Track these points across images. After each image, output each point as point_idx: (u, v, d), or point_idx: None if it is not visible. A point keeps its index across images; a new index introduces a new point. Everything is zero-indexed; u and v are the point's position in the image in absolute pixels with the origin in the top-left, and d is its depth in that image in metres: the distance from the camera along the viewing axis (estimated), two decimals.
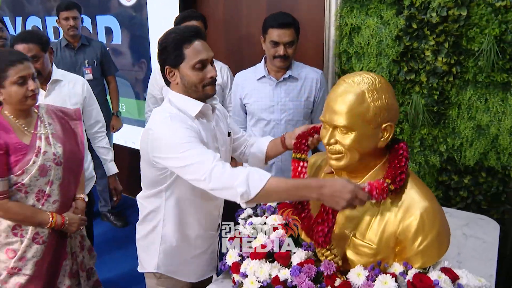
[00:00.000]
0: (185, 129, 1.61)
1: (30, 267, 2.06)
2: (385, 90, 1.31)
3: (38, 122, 2.09)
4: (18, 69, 1.94)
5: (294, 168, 1.59)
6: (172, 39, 1.67)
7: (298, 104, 2.53)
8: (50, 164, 2.04)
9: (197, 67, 1.68)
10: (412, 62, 2.51)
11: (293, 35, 2.42)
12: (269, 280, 1.42)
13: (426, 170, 2.61)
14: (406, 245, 1.33)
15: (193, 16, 2.75)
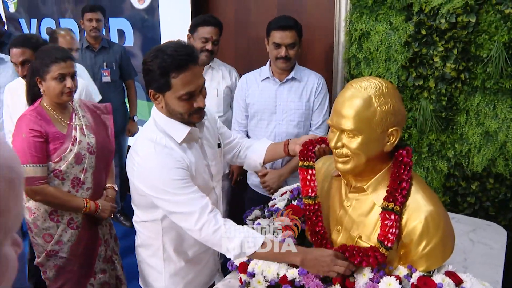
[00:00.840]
0: (172, 168, 1.53)
1: (66, 250, 2.22)
2: (392, 95, 1.33)
3: (73, 114, 2.24)
4: (59, 66, 2.09)
5: (303, 177, 1.57)
6: (159, 64, 1.51)
7: (300, 105, 2.60)
8: (84, 153, 2.19)
9: (184, 98, 1.55)
10: (421, 68, 2.52)
11: (294, 37, 2.49)
12: (276, 279, 1.44)
13: (434, 175, 2.62)
14: (411, 248, 1.34)
15: (211, 21, 2.75)
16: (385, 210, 1.35)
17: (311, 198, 1.53)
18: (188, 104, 1.57)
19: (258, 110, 2.66)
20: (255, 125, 2.71)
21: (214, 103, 2.87)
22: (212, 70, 2.89)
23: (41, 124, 2.10)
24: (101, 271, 2.34)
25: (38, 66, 2.12)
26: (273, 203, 1.92)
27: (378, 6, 2.58)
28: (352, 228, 1.45)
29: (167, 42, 1.61)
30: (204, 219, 1.46)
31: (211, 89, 2.84)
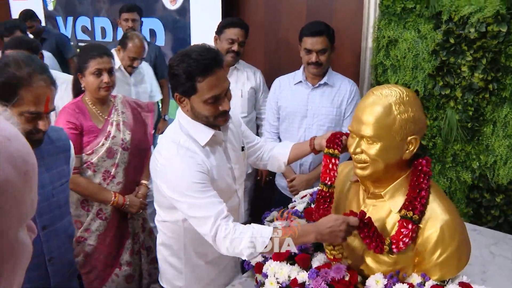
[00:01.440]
0: (193, 171, 1.55)
1: (94, 239, 2.33)
2: (413, 104, 1.34)
3: (113, 110, 2.34)
4: (96, 62, 2.20)
5: (325, 164, 1.57)
6: (184, 69, 1.54)
7: (330, 110, 2.61)
8: (117, 148, 2.28)
9: (209, 102, 1.58)
10: (448, 77, 2.50)
11: (325, 43, 2.51)
12: (288, 281, 1.47)
13: (457, 186, 2.59)
14: (425, 256, 1.35)
15: (237, 23, 2.83)
16: (403, 218, 1.35)
17: (327, 185, 1.54)
18: (213, 108, 1.59)
19: (289, 113, 2.70)
20: (285, 128, 2.74)
21: (238, 104, 2.92)
22: (237, 71, 2.95)
23: (77, 117, 2.21)
24: (127, 263, 2.42)
25: (79, 63, 2.25)
26: (293, 205, 1.94)
27: (406, 13, 2.57)
28: None
29: (192, 46, 1.64)
30: (217, 224, 1.49)
31: (236, 90, 2.89)
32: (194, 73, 1.53)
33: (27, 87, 1.42)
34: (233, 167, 1.79)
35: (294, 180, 2.70)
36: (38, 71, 1.46)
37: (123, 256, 2.42)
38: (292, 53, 3.21)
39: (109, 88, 2.26)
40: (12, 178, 0.50)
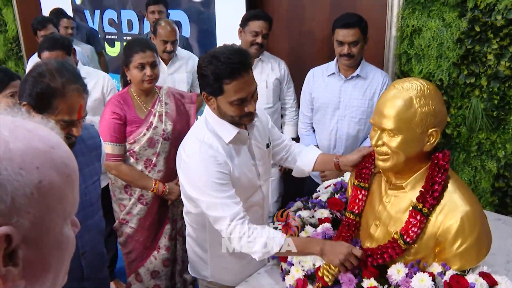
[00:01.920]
0: (212, 170, 1.61)
1: (135, 222, 2.50)
2: (433, 97, 1.36)
3: (157, 101, 2.46)
4: (139, 56, 2.32)
5: (355, 195, 1.62)
6: (212, 70, 1.57)
7: (362, 102, 2.63)
8: (158, 138, 2.41)
9: (235, 103, 1.62)
10: (473, 65, 2.49)
11: (357, 35, 2.52)
12: (312, 269, 1.52)
13: (482, 175, 2.59)
14: (445, 247, 1.38)
15: (261, 15, 2.86)
16: (414, 209, 1.39)
17: (354, 214, 1.59)
18: (239, 109, 1.63)
19: (322, 105, 2.74)
20: (318, 119, 2.80)
21: (263, 95, 2.96)
22: (262, 62, 2.99)
23: (122, 108, 2.36)
24: (165, 247, 2.56)
25: (124, 57, 2.38)
26: (317, 195, 1.99)
27: (431, 2, 2.56)
28: (390, 223, 1.49)
29: (221, 46, 1.67)
30: (233, 226, 1.56)
31: (260, 81, 2.93)
32: (222, 76, 1.57)
33: (61, 98, 1.48)
34: (257, 164, 1.83)
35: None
36: (72, 80, 1.51)
37: (161, 240, 2.55)
38: (315, 44, 3.24)
39: (152, 80, 2.38)
40: (56, 182, 0.59)
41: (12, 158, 0.54)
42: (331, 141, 2.75)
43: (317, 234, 1.62)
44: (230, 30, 3.57)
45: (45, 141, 0.60)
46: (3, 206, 0.52)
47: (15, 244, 0.54)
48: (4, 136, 0.55)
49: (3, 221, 0.53)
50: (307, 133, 2.88)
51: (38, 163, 0.57)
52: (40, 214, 0.56)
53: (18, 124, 0.59)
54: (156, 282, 2.60)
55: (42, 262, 0.59)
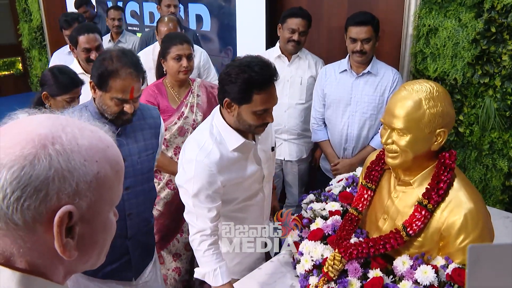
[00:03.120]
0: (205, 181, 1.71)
1: (162, 205, 2.67)
2: (442, 99, 1.43)
3: (189, 93, 2.63)
4: (177, 48, 2.49)
5: (361, 194, 1.70)
6: (245, 79, 1.63)
7: (373, 98, 2.71)
8: (188, 127, 2.56)
9: (259, 114, 1.69)
10: (488, 65, 2.53)
11: (370, 32, 2.60)
12: (321, 259, 1.61)
13: (494, 173, 2.63)
14: (449, 241, 1.45)
15: (299, 13, 2.91)
16: (419, 204, 1.47)
17: (357, 211, 1.67)
18: (260, 119, 1.71)
19: (333, 101, 2.83)
20: (330, 115, 2.88)
21: (297, 91, 3.05)
22: (299, 59, 3.06)
23: (156, 97, 2.53)
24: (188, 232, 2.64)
25: (162, 49, 2.54)
26: (329, 188, 2.07)
27: (448, 2, 2.60)
28: (397, 218, 1.57)
29: (249, 56, 1.72)
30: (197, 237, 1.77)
31: (296, 78, 3.03)
32: (253, 86, 1.63)
33: (115, 78, 1.73)
34: (262, 168, 1.92)
35: (338, 164, 2.86)
36: (128, 65, 1.74)
37: (185, 224, 2.67)
38: (333, 41, 3.30)
39: (187, 71, 2.54)
40: (109, 175, 0.71)
41: (80, 151, 0.67)
42: (342, 136, 2.83)
43: (326, 226, 1.71)
44: (250, 24, 3.65)
45: (103, 141, 0.73)
46: (70, 189, 0.65)
47: (74, 220, 0.66)
48: (75, 133, 0.68)
49: (68, 201, 0.65)
50: (319, 128, 2.96)
51: (98, 158, 0.69)
52: (95, 199, 0.69)
53: (84, 126, 0.72)
54: (177, 265, 2.75)
55: (91, 238, 0.72)
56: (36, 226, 0.64)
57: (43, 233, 0.65)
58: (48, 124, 0.67)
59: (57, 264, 0.70)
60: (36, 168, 0.62)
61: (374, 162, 1.71)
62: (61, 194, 0.64)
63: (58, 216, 0.64)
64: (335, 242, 1.61)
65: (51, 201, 0.63)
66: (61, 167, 0.64)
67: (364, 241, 1.54)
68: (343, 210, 1.82)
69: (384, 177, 1.70)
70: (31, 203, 0.62)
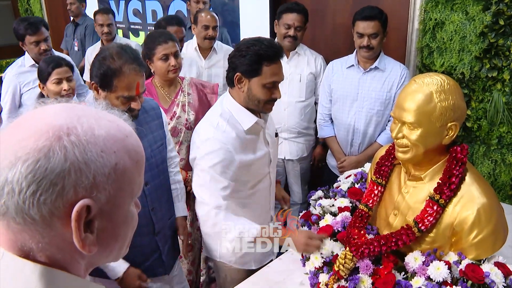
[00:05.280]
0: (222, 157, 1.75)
1: None
2: (453, 92, 1.40)
3: (180, 91, 2.55)
4: (163, 48, 2.40)
5: (371, 189, 1.67)
6: (255, 52, 1.73)
7: (380, 94, 2.67)
8: (181, 127, 2.49)
9: (268, 87, 1.77)
10: (496, 59, 2.50)
11: (377, 27, 2.57)
12: (331, 256, 1.58)
13: (502, 168, 2.60)
14: (461, 236, 1.43)
15: (294, 8, 2.89)
16: (431, 199, 1.44)
17: (367, 207, 1.65)
18: (269, 93, 1.79)
19: (340, 96, 2.80)
20: (337, 110, 2.85)
21: (296, 88, 3.01)
22: (297, 56, 3.03)
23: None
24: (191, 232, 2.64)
25: (146, 51, 2.46)
26: (337, 184, 2.04)
27: None
28: (408, 213, 1.55)
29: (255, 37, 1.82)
30: (211, 213, 1.75)
31: (295, 75, 2.99)
32: (264, 57, 1.73)
33: (120, 77, 1.69)
34: (269, 152, 1.96)
35: (344, 161, 2.82)
36: (129, 61, 1.70)
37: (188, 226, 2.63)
38: (338, 37, 3.26)
39: (177, 70, 2.46)
40: (128, 166, 0.69)
41: (96, 142, 0.65)
42: (349, 132, 2.80)
43: (336, 222, 1.68)
44: (253, 21, 3.62)
45: (121, 130, 0.70)
46: (87, 182, 0.63)
47: (93, 214, 0.65)
48: (91, 124, 0.66)
49: (86, 194, 0.63)
50: (326, 124, 2.94)
51: (116, 148, 0.67)
52: (114, 192, 0.66)
53: (101, 115, 0.69)
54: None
55: (112, 232, 0.70)
56: (54, 220, 0.63)
57: (61, 227, 0.63)
58: (63, 115, 0.65)
59: (78, 258, 0.68)
60: (51, 161, 0.60)
61: (383, 157, 1.68)
62: (78, 188, 0.62)
63: (75, 210, 0.62)
64: (346, 240, 1.58)
65: (68, 194, 0.62)
66: (77, 159, 0.62)
67: (375, 239, 1.52)
68: (352, 206, 1.79)
69: (394, 172, 1.67)
70: (47, 197, 0.61)
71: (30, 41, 3.10)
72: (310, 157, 3.29)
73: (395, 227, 1.57)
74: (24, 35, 3.10)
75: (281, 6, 2.96)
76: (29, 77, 3.19)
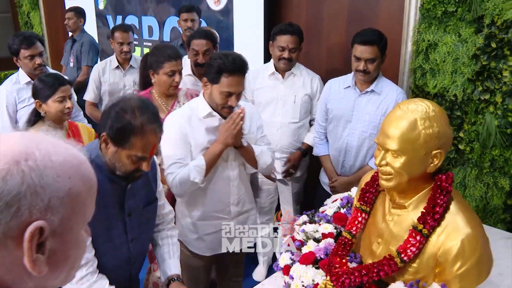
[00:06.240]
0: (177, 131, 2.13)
1: None
2: (438, 119, 1.37)
3: (176, 102, 2.65)
4: (171, 64, 2.52)
5: (355, 216, 1.64)
6: (218, 64, 2.05)
7: (374, 118, 2.62)
8: None
9: (224, 94, 2.09)
10: (488, 81, 2.48)
11: (375, 53, 2.51)
12: (312, 285, 1.54)
13: (495, 192, 2.57)
14: (445, 267, 1.38)
15: (287, 30, 2.86)
16: (414, 229, 1.41)
17: (350, 234, 1.61)
18: (225, 99, 2.11)
19: (335, 116, 2.76)
20: (331, 130, 2.82)
21: (290, 110, 2.99)
22: (293, 76, 3.00)
23: None
24: None
25: (152, 62, 2.54)
26: (323, 209, 2.01)
27: (447, 17, 2.56)
28: (392, 242, 1.51)
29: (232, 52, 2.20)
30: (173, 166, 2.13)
31: (289, 96, 2.97)
32: (224, 69, 2.05)
33: (139, 135, 1.55)
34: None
35: (336, 182, 2.80)
36: (151, 120, 1.58)
37: None
38: (332, 57, 3.26)
39: (177, 86, 2.58)
40: (82, 191, 0.72)
41: (53, 167, 0.68)
42: (340, 153, 2.77)
43: (319, 249, 1.64)
44: (247, 39, 3.62)
45: (76, 157, 0.74)
46: (42, 204, 0.66)
47: (45, 236, 0.67)
48: (49, 149, 0.69)
49: (40, 216, 0.65)
50: (321, 143, 2.91)
51: (71, 174, 0.70)
52: (67, 215, 0.69)
53: (58, 143, 0.73)
54: None
55: (63, 254, 0.72)
56: (7, 241, 0.64)
57: (13, 248, 0.65)
58: (23, 141, 0.68)
59: (26, 280, 0.69)
60: (9, 183, 0.63)
61: (368, 184, 1.65)
62: (33, 209, 0.65)
63: (29, 231, 0.64)
64: (327, 268, 1.54)
65: (22, 216, 0.64)
66: (33, 183, 0.65)
67: (356, 268, 1.48)
68: (337, 232, 1.76)
69: (379, 199, 1.64)
70: (2, 218, 0.63)
71: (24, 55, 3.10)
72: (304, 177, 3.26)
73: (378, 256, 1.53)
74: (19, 49, 3.10)
75: (275, 28, 2.94)
76: (24, 94, 3.17)
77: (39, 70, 3.13)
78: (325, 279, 1.51)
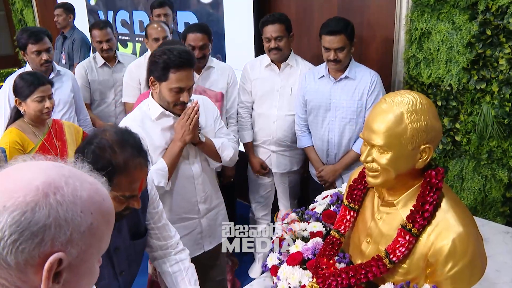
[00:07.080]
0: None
1: None
2: (426, 112, 1.30)
3: None
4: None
5: (343, 215, 1.57)
6: (164, 60, 1.95)
7: (352, 103, 2.65)
8: None
9: (174, 91, 1.99)
10: (484, 70, 2.39)
11: (343, 41, 2.53)
12: (298, 287, 1.48)
13: (493, 184, 2.49)
14: (436, 268, 1.31)
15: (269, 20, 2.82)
16: (403, 228, 1.33)
17: (339, 233, 1.55)
18: (176, 96, 2.01)
19: (314, 107, 2.76)
20: (311, 121, 2.82)
21: (286, 101, 2.95)
22: (290, 68, 2.95)
23: None
24: None
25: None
26: (313, 206, 1.94)
27: (440, 4, 2.47)
28: (381, 241, 1.44)
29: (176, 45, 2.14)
30: None
31: (286, 88, 2.93)
32: (171, 65, 1.95)
33: (123, 175, 1.39)
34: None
35: (322, 171, 2.80)
36: (135, 154, 1.42)
37: None
38: None
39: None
40: (101, 225, 0.75)
41: (78, 203, 0.71)
42: (323, 142, 2.77)
43: (307, 249, 1.58)
44: (238, 31, 3.55)
45: (99, 193, 0.77)
46: (64, 237, 0.69)
47: (62, 267, 0.70)
48: (76, 185, 0.73)
49: (61, 248, 0.69)
50: (303, 135, 2.90)
51: (93, 210, 0.74)
52: (85, 248, 0.72)
53: (84, 178, 0.77)
54: None
55: (76, 284, 0.75)
56: (27, 268, 0.67)
57: (32, 275, 0.68)
58: (52, 173, 0.72)
59: None
60: (36, 215, 0.66)
61: (356, 180, 1.57)
62: (55, 241, 0.68)
63: (49, 262, 0.67)
64: (314, 270, 1.47)
65: (45, 246, 0.67)
66: (59, 216, 0.68)
67: (344, 270, 1.41)
68: (326, 231, 1.69)
69: (368, 196, 1.56)
70: (26, 246, 0.66)
71: (31, 50, 3.04)
72: (301, 171, 3.20)
73: (367, 256, 1.46)
74: (26, 44, 3.04)
75: (260, 21, 2.89)
76: None
77: (45, 66, 3.08)
78: (311, 281, 1.44)
